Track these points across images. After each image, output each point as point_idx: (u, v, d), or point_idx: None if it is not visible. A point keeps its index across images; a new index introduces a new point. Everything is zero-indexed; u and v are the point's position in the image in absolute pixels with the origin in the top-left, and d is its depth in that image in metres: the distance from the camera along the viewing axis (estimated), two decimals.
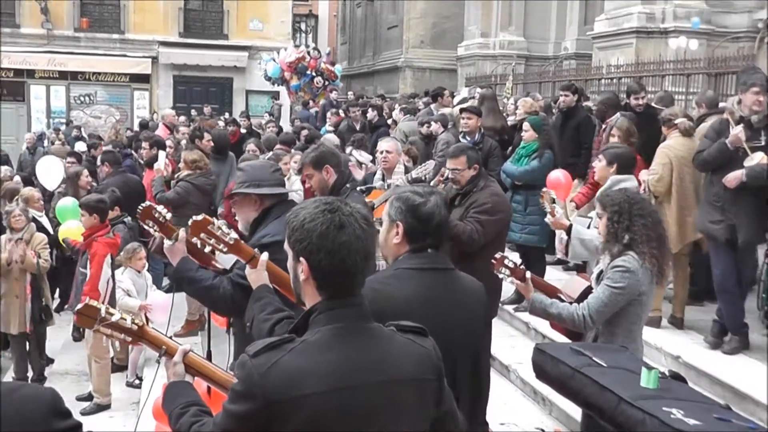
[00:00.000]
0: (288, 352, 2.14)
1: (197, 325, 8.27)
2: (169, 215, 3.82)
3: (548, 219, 5.22)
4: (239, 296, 3.63)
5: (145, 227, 3.82)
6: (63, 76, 28.76)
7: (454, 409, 2.46)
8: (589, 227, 5.16)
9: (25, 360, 7.96)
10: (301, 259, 2.26)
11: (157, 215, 3.75)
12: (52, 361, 8.34)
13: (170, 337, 2.79)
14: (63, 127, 22.12)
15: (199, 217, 3.64)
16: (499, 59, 23.01)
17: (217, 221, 3.56)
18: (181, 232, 3.78)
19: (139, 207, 3.85)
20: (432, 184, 5.71)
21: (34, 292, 7.51)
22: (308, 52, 21.37)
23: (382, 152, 7.23)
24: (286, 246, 2.35)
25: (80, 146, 13.85)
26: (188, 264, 3.79)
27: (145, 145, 10.28)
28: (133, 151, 11.89)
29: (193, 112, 21.73)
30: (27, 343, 7.93)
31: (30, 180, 10.78)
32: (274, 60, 22.17)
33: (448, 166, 5.76)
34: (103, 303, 2.78)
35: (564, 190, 8.02)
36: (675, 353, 6.52)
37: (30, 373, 8.00)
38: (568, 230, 5.05)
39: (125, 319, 2.69)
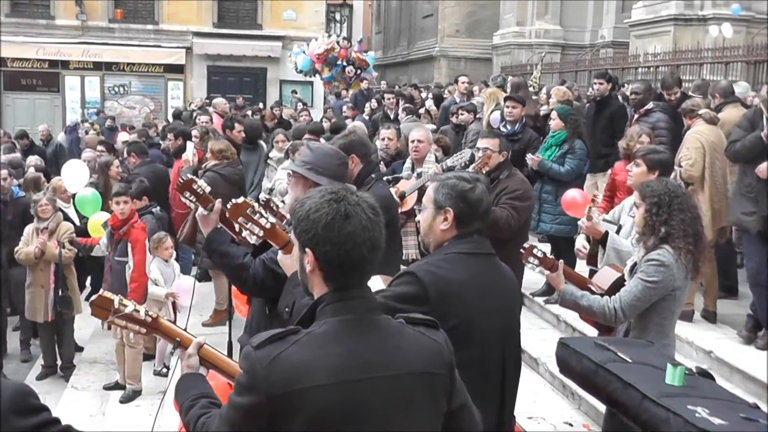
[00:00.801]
0: (292, 344, 2.10)
1: (225, 315, 8.24)
2: (209, 188, 3.78)
3: (582, 222, 5.03)
4: (270, 282, 3.60)
5: (183, 199, 3.78)
6: (97, 66, 28.99)
7: (470, 403, 2.39)
8: (618, 232, 5.04)
9: (52, 348, 8.01)
10: (307, 249, 2.22)
11: (196, 187, 3.73)
12: (81, 349, 8.39)
13: (184, 329, 2.77)
14: (95, 117, 22.30)
15: (240, 200, 3.62)
16: (534, 48, 22.87)
17: (257, 205, 3.55)
18: (217, 204, 3.75)
19: (181, 178, 3.82)
20: (471, 169, 5.66)
21: (57, 282, 7.53)
22: (337, 42, 21.23)
23: (413, 141, 7.21)
24: (292, 236, 2.31)
25: (123, 137, 13.89)
26: (221, 236, 3.76)
27: (170, 136, 10.27)
28: (161, 141, 11.95)
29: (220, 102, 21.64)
30: (56, 333, 7.97)
31: (44, 170, 10.96)
32: (304, 52, 22.11)
33: (479, 145, 5.76)
34: None
35: (581, 208, 6.64)
36: (707, 348, 6.38)
37: (59, 362, 8.07)
38: (603, 239, 4.88)
39: (138, 311, 2.67)
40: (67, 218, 8.17)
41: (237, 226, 3.53)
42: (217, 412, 2.25)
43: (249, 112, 14.53)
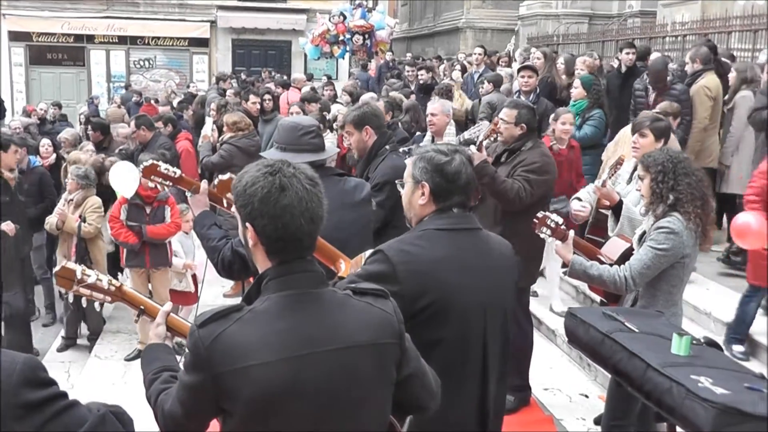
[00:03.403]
0: (235, 321, 2.08)
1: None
2: (178, 171, 3.79)
3: (596, 184, 4.94)
4: (238, 264, 3.61)
5: (150, 183, 3.80)
6: (122, 40, 29.04)
7: (423, 372, 2.37)
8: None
9: (75, 320, 8.10)
10: (247, 224, 2.19)
11: (164, 170, 3.74)
12: (104, 321, 8.48)
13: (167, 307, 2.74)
14: (123, 92, 22.37)
15: (225, 177, 3.63)
16: (561, 18, 22.53)
17: None
18: (203, 184, 3.77)
19: (142, 164, 3.82)
20: (480, 139, 5.59)
21: (78, 254, 7.59)
22: (330, 19, 21.01)
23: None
24: (233, 210, 2.30)
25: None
26: (204, 219, 3.79)
27: (158, 124, 10.10)
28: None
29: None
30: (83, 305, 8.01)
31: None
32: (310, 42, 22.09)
33: (499, 115, 5.68)
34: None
35: (757, 239, 5.73)
36: (725, 320, 6.32)
37: (82, 333, 8.17)
38: (617, 206, 4.82)
39: (101, 280, 2.69)
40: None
41: (225, 202, 3.54)
42: (173, 389, 2.24)
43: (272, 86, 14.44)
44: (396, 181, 3.30)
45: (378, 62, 18.51)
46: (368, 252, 3.05)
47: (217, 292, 8.43)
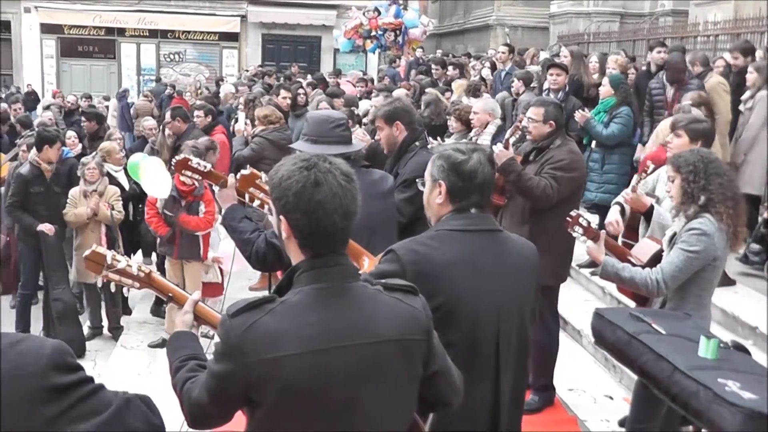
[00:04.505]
0: (267, 312, 2.09)
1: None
2: (209, 165, 3.82)
3: (627, 193, 4.87)
4: (272, 257, 3.63)
5: (182, 178, 3.83)
6: (153, 34, 29.34)
7: (448, 368, 2.37)
8: (658, 204, 4.92)
9: (99, 310, 8.18)
10: (281, 217, 2.21)
11: (194, 165, 3.77)
12: (129, 312, 8.55)
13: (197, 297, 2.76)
14: (153, 84, 22.60)
15: (247, 172, 3.65)
16: (592, 17, 22.38)
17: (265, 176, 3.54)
18: (230, 178, 3.77)
19: (174, 159, 3.86)
20: (506, 135, 5.57)
21: (109, 243, 7.67)
22: (363, 14, 21.03)
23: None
24: (255, 203, 2.32)
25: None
26: (234, 212, 3.80)
27: (199, 113, 10.26)
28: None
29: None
30: (103, 294, 8.09)
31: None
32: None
33: (526, 114, 5.64)
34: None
35: None
36: (752, 323, 6.25)
37: (105, 323, 8.24)
38: (648, 213, 4.76)
39: (131, 266, 2.70)
40: (117, 182, 8.29)
41: (248, 196, 3.56)
42: (200, 377, 2.26)
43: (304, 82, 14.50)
44: (417, 180, 3.28)
45: (407, 59, 18.49)
46: None
47: (242, 284, 8.46)
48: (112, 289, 2.85)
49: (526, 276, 2.96)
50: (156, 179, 7.29)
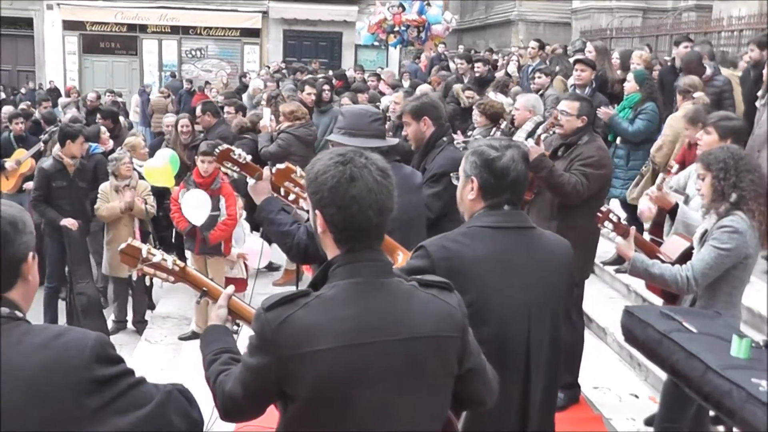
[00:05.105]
0: (301, 306, 2.09)
1: (295, 274, 8.36)
2: (249, 156, 3.82)
3: (652, 192, 4.87)
4: (313, 248, 3.57)
5: (223, 169, 3.84)
6: (174, 30, 29.47)
7: (483, 366, 2.36)
8: (686, 203, 4.89)
9: (126, 304, 8.23)
10: (317, 211, 2.21)
11: (236, 156, 3.76)
12: (153, 307, 8.59)
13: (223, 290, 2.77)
14: (169, 80, 22.71)
15: (282, 166, 3.64)
16: (615, 12, 22.24)
17: (300, 170, 3.54)
18: (265, 171, 3.77)
19: (216, 149, 3.85)
20: (538, 132, 5.54)
21: (143, 237, 7.74)
22: (388, 9, 21.05)
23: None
24: (290, 198, 2.31)
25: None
26: (270, 204, 3.77)
27: (229, 110, 10.29)
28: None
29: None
30: (130, 288, 8.17)
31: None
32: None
33: (559, 108, 5.62)
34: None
35: None
36: None
37: (130, 316, 8.29)
38: (672, 210, 4.74)
39: (166, 260, 2.72)
40: (141, 177, 8.34)
41: (283, 191, 3.56)
42: (234, 370, 2.27)
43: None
44: (451, 175, 3.27)
45: (429, 55, 18.47)
46: None
47: (266, 280, 8.49)
48: (147, 282, 2.88)
49: (559, 273, 2.95)
50: (196, 208, 7.37)
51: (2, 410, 1.82)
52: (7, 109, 12.63)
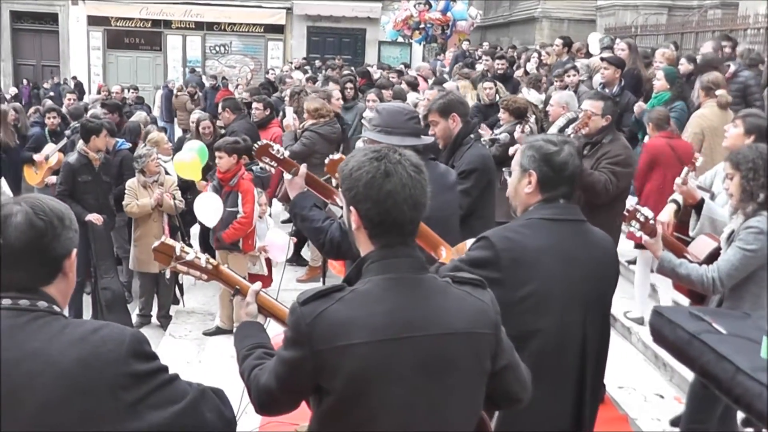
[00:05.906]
0: (336, 301, 2.11)
1: (319, 271, 8.35)
2: (287, 152, 3.86)
3: (678, 186, 4.84)
4: (346, 245, 3.59)
5: (262, 164, 3.86)
6: (199, 26, 29.62)
7: (517, 363, 2.36)
8: (712, 199, 4.85)
9: (151, 299, 8.28)
10: (351, 208, 2.22)
11: (274, 152, 3.79)
12: (177, 302, 8.64)
13: (250, 282, 2.80)
14: (189, 75, 22.81)
15: (336, 156, 3.66)
16: (640, 9, 22.06)
17: None
18: (302, 168, 3.81)
19: (255, 145, 3.88)
20: (570, 130, 5.53)
21: (172, 232, 7.79)
22: (414, 6, 21.04)
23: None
24: (341, 192, 2.32)
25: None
26: (304, 201, 3.82)
27: (258, 105, 10.24)
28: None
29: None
30: (157, 283, 8.20)
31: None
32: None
33: (583, 106, 5.63)
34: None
35: None
36: None
37: (155, 311, 8.33)
38: (698, 205, 4.71)
39: (199, 258, 2.73)
40: (166, 172, 8.39)
41: (334, 182, 3.58)
42: (268, 364, 2.29)
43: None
44: (504, 169, 3.33)
45: (454, 51, 18.45)
46: (470, 240, 3.07)
47: (290, 276, 8.50)
48: (181, 280, 2.88)
49: (610, 266, 3.06)
50: (208, 212, 7.41)
51: (41, 403, 1.85)
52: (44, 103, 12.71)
